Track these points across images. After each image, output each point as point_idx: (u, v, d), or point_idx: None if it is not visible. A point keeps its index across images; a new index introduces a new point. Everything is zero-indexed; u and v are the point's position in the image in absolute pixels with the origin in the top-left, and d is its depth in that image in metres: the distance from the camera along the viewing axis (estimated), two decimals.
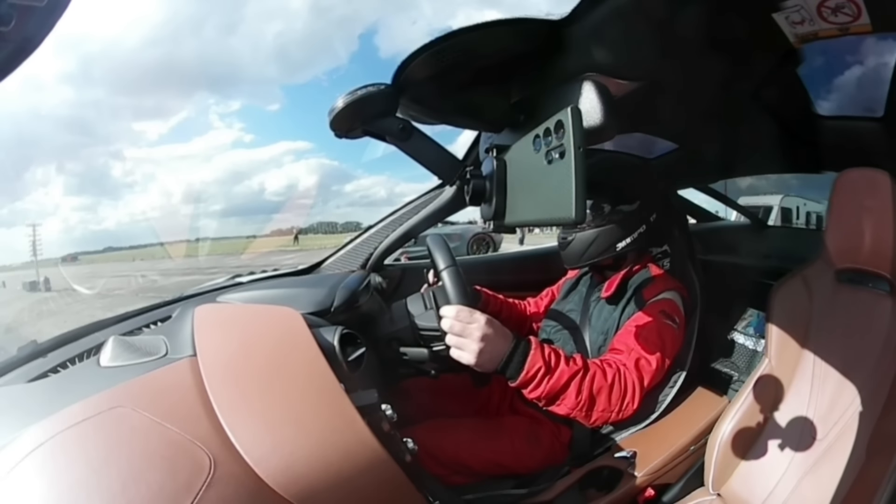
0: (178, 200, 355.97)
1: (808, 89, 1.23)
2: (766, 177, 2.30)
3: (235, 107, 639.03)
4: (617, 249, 1.34)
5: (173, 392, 0.76)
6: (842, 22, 0.89)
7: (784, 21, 0.89)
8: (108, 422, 0.69)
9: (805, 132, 1.34)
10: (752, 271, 1.70)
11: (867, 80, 1.15)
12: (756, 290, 1.52)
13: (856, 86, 1.19)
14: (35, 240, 39.43)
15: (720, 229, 2.20)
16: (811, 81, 1.21)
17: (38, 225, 44.20)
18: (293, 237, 34.54)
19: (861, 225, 1.12)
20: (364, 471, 0.75)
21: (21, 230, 67.88)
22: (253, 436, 0.71)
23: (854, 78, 1.17)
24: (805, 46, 1.01)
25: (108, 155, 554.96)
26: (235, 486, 0.65)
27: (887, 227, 1.08)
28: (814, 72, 1.17)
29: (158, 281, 15.49)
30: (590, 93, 0.76)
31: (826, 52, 1.11)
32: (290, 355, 0.86)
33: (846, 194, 1.15)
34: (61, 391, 0.84)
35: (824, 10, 0.86)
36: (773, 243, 1.93)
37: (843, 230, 1.16)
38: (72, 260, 39.21)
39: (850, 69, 1.16)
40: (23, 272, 18.30)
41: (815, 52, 1.08)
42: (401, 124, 0.88)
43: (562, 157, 0.66)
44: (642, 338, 1.18)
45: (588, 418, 1.07)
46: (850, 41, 1.00)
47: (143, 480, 0.62)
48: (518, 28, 0.75)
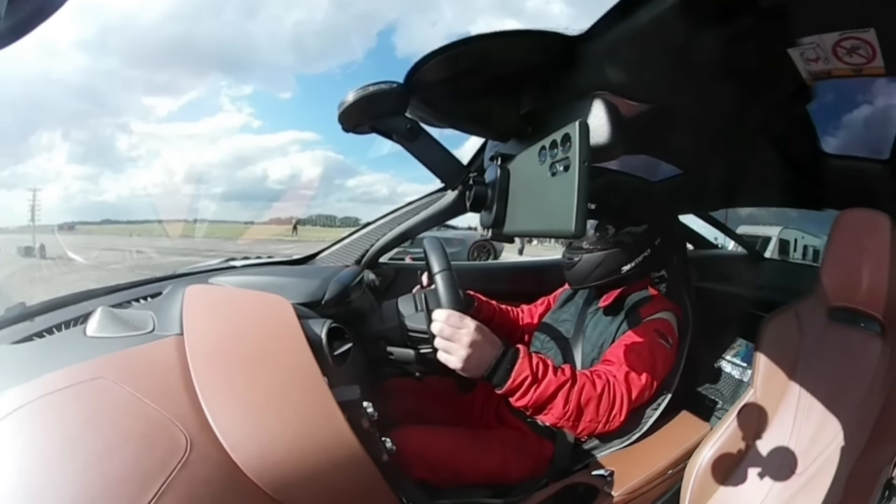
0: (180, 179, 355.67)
1: (816, 126, 1.24)
2: (766, 208, 2.31)
3: (247, 91, 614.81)
4: (622, 272, 1.36)
5: (156, 369, 0.76)
6: (856, 63, 0.89)
7: (799, 57, 0.90)
8: (88, 392, 0.68)
9: (810, 168, 1.34)
10: (745, 302, 1.71)
11: (875, 121, 1.16)
12: (748, 320, 1.53)
13: (864, 126, 1.19)
14: (34, 204, 39.07)
15: (717, 257, 2.21)
16: (820, 118, 1.22)
17: (39, 190, 43.88)
18: (292, 227, 34.38)
19: (858, 265, 1.13)
20: (339, 466, 0.75)
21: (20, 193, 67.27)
22: (232, 420, 0.70)
23: (862, 118, 1.18)
24: (817, 83, 1.01)
25: (116, 127, 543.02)
26: (209, 469, 0.65)
27: (884, 268, 1.09)
28: (823, 109, 1.18)
29: (154, 258, 15.41)
30: (599, 110, 0.76)
31: (837, 91, 1.11)
32: (277, 344, 0.86)
33: (846, 233, 1.16)
34: (44, 356, 0.83)
35: (840, 49, 0.86)
36: (768, 275, 1.94)
37: (840, 269, 1.17)
38: (69, 229, 39.01)
39: (859, 109, 1.17)
40: (18, 236, 18.12)
41: (827, 89, 1.08)
42: (409, 124, 0.88)
43: (566, 171, 0.66)
44: (635, 353, 1.18)
45: (575, 428, 1.08)
46: (861, 82, 1.01)
47: (119, 454, 0.61)
48: (535, 40, 0.75)
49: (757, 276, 1.94)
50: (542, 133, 0.72)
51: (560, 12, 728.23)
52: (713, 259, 2.17)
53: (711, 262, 2.09)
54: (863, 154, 1.26)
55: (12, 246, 13.87)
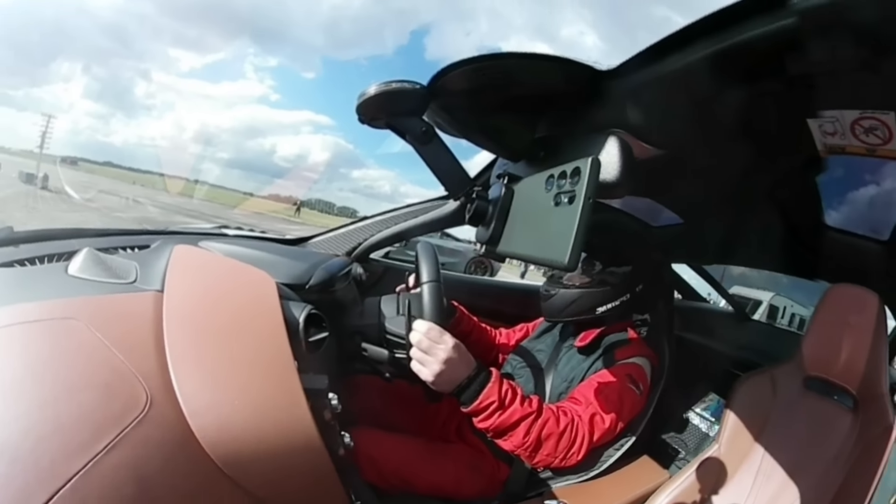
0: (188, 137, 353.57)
1: (822, 197, 1.25)
2: (761, 272, 2.33)
3: (272, 63, 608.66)
4: (596, 313, 1.36)
5: (130, 320, 0.74)
6: (871, 143, 0.90)
7: (817, 129, 0.90)
8: (58, 330, 0.67)
9: (809, 238, 1.36)
10: (724, 358, 1.72)
11: (880, 202, 1.17)
12: (723, 376, 1.54)
13: (868, 205, 1.20)
14: (46, 131, 38.28)
15: (702, 310, 2.22)
16: (826, 190, 1.23)
17: (54, 118, 43.20)
18: (296, 209, 34.15)
19: (840, 339, 1.14)
20: (295, 452, 0.75)
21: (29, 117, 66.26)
22: (195, 387, 0.69)
23: (868, 197, 1.19)
24: (830, 157, 1.02)
25: (137, 71, 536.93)
26: (164, 431, 0.64)
27: (865, 346, 1.11)
28: (831, 182, 1.19)
29: (150, 211, 15.28)
30: (613, 148, 0.77)
31: (847, 167, 1.12)
32: (254, 319, 0.85)
33: (833, 307, 1.17)
34: (21, 285, 0.82)
35: (858, 127, 0.87)
36: (750, 336, 1.95)
37: (823, 340, 1.18)
38: (71, 163, 38.48)
39: (866, 188, 1.18)
40: (20, 160, 17.88)
41: (838, 163, 1.09)
42: (424, 127, 0.88)
43: (570, 203, 0.66)
44: (603, 395, 1.18)
45: (531, 459, 1.09)
46: (873, 162, 1.02)
47: (77, 398, 0.60)
48: (563, 67, 0.75)
49: (739, 335, 1.94)
50: (553, 160, 0.72)
51: (593, 45, 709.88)
52: (699, 311, 2.18)
53: (696, 314, 2.10)
54: (863, 232, 1.27)
55: (14, 169, 13.64)
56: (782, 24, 0.53)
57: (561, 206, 0.69)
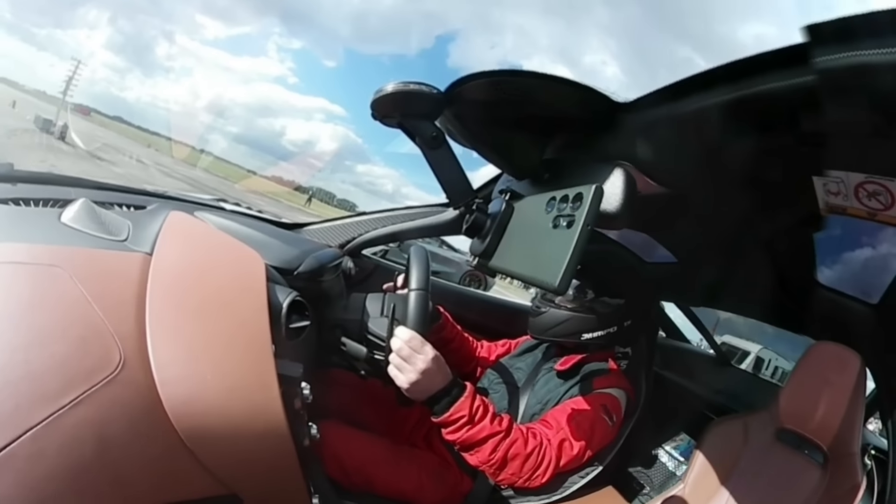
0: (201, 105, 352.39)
1: (817, 254, 1.25)
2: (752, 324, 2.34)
3: (295, 45, 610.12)
4: (581, 339, 1.36)
5: (115, 279, 0.74)
6: (873, 207, 0.90)
7: (821, 187, 0.91)
8: (41, 276, 0.67)
9: (799, 292, 1.36)
10: (699, 400, 1.73)
11: (874, 266, 1.17)
12: (697, 418, 1.55)
13: (861, 267, 1.21)
14: (72, 77, 37.28)
15: (683, 350, 2.23)
16: (822, 248, 1.23)
17: (83, 64, 42.15)
18: (307, 199, 33.97)
19: (819, 395, 1.15)
20: (260, 436, 0.74)
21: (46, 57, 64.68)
22: (170, 355, 0.69)
23: (862, 259, 1.19)
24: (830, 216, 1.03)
25: (161, 31, 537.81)
26: (133, 395, 0.63)
27: (842, 405, 1.12)
28: (828, 240, 1.19)
29: (153, 174, 15.11)
30: (618, 179, 0.77)
31: (846, 227, 1.12)
32: (238, 297, 0.85)
33: (815, 363, 1.18)
34: (12, 224, 0.82)
35: (861, 191, 0.87)
36: (728, 382, 1.96)
37: (801, 395, 1.19)
38: (84, 113, 38.03)
39: (861, 250, 1.18)
40: (33, 99, 17.56)
41: (837, 223, 1.10)
42: (434, 132, 0.88)
43: (568, 227, 0.67)
44: (575, 422, 1.18)
45: (495, 476, 1.09)
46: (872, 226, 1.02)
47: (50, 348, 0.59)
48: (580, 93, 0.75)
49: (718, 379, 1.95)
50: (557, 183, 0.72)
51: (612, 76, 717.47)
52: (680, 351, 2.19)
53: (677, 354, 2.11)
54: (853, 293, 1.28)
55: (28, 108, 13.32)
56: (802, 80, 0.53)
57: (559, 229, 0.69)
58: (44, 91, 31.63)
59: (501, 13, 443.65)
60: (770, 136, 0.72)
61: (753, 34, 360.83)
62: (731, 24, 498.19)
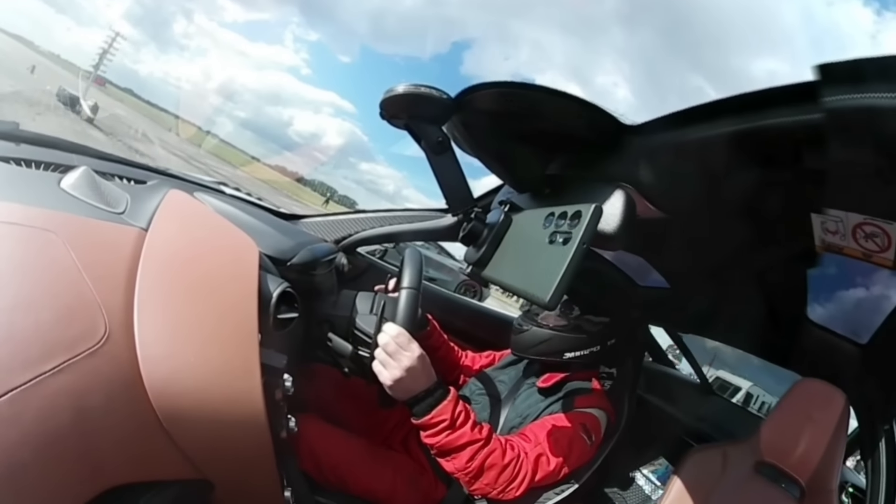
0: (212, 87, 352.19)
1: (809, 291, 1.26)
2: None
3: (312, 37, 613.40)
4: (563, 358, 1.36)
5: (108, 250, 0.73)
6: (869, 248, 0.90)
7: (819, 224, 0.91)
8: (34, 239, 0.66)
9: (789, 327, 1.36)
10: (680, 426, 1.72)
11: (865, 306, 1.18)
12: (676, 444, 1.54)
13: (852, 307, 1.21)
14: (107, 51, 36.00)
15: (668, 376, 2.23)
16: (815, 285, 1.23)
17: (122, 38, 41.16)
18: (324, 200, 33.70)
19: (801, 431, 1.15)
20: (238, 423, 0.74)
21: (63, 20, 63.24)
22: (155, 333, 0.68)
23: (854, 299, 1.20)
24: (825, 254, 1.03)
25: (181, 9, 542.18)
26: (114, 369, 0.63)
27: (823, 442, 1.11)
28: (822, 278, 1.19)
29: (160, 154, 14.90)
30: (618, 200, 0.77)
31: (840, 266, 1.13)
32: (229, 282, 0.85)
33: (800, 399, 1.18)
34: (10, 184, 0.81)
35: (859, 231, 0.87)
36: (710, 410, 1.96)
37: (782, 429, 1.19)
38: (100, 83, 37.53)
39: (853, 289, 1.19)
40: (52, 64, 16.96)
41: (832, 261, 1.10)
42: (441, 137, 0.89)
43: (564, 244, 0.67)
44: (554, 438, 1.18)
45: (470, 485, 1.08)
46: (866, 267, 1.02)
47: (36, 314, 0.59)
48: (589, 112, 0.76)
49: (700, 407, 1.96)
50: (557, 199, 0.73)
51: (623, 98, 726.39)
52: (665, 376, 2.19)
53: (662, 378, 2.11)
54: (842, 332, 1.28)
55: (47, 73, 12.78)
56: (809, 118, 0.54)
57: (555, 245, 0.69)
58: (58, 55, 31.47)
59: (520, 26, 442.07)
60: (772, 170, 0.72)
61: (767, 69, 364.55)
62: (745, 58, 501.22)
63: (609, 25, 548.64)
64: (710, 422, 1.77)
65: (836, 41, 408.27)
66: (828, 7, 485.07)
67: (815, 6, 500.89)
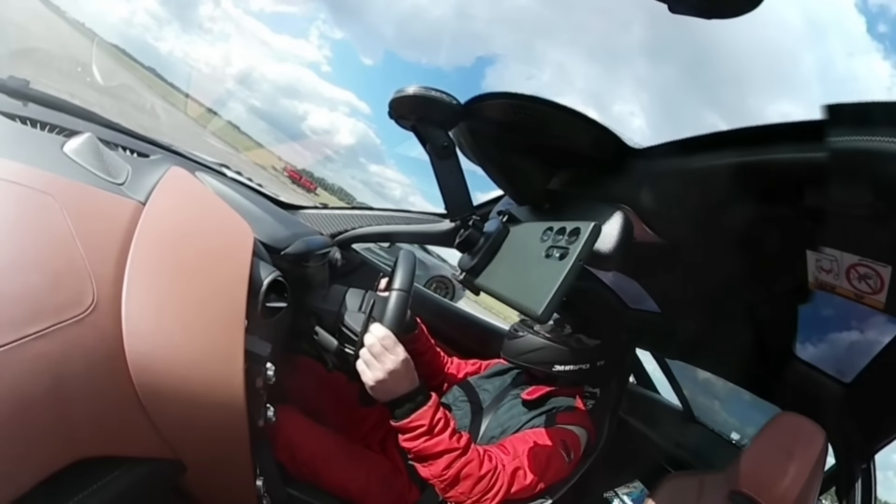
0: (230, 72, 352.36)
1: (799, 327, 1.26)
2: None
3: (336, 36, 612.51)
4: (553, 369, 1.36)
5: (104, 220, 0.73)
6: (861, 290, 0.91)
7: (814, 262, 0.92)
8: (30, 199, 0.66)
9: (775, 361, 1.37)
10: (659, 451, 1.72)
11: (852, 346, 1.18)
12: (653, 468, 1.54)
13: (840, 347, 1.21)
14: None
15: (651, 399, 2.22)
16: (805, 322, 1.24)
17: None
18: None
19: (778, 465, 1.15)
20: (216, 407, 0.74)
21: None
22: (142, 308, 0.68)
23: (842, 338, 1.20)
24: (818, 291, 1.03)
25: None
26: (97, 340, 0.62)
27: (800, 478, 1.11)
28: (812, 315, 1.20)
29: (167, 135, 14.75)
30: (616, 221, 0.77)
31: (831, 305, 1.13)
32: (221, 264, 0.85)
33: (779, 432, 1.18)
34: (14, 141, 0.81)
35: (853, 272, 0.88)
36: (690, 437, 1.96)
37: (760, 461, 1.19)
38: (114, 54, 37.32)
39: (842, 328, 1.19)
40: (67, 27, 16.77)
41: (823, 300, 1.10)
42: (446, 142, 0.89)
43: (560, 259, 0.67)
44: (532, 453, 1.17)
45: (444, 492, 1.07)
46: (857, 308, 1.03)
47: (25, 276, 0.58)
48: (597, 132, 0.77)
49: (680, 433, 1.95)
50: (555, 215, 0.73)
51: (637, 128, 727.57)
52: (647, 399, 2.18)
53: (644, 402, 2.10)
54: (828, 370, 1.29)
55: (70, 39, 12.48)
56: (813, 156, 0.54)
57: (550, 259, 0.69)
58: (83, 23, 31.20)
59: (546, 47, 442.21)
60: (772, 204, 0.72)
61: (781, 112, 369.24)
62: (762, 100, 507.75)
63: (633, 57, 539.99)
64: (689, 449, 1.77)
65: (853, 90, 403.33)
66: (847, 57, 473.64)
67: (836, 55, 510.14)
